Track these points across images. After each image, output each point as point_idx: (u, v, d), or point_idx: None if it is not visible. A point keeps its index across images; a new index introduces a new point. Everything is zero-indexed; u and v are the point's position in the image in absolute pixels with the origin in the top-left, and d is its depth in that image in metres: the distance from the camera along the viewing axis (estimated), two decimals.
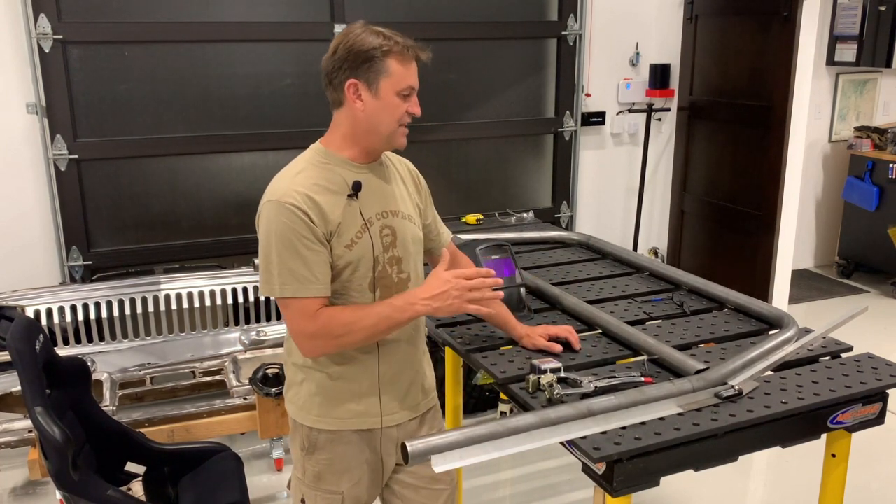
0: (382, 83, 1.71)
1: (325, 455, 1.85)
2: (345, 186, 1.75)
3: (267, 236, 1.69)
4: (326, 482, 1.86)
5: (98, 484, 2.16)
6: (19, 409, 3.27)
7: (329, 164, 1.77)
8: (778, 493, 3.29)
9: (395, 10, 4.24)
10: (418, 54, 1.75)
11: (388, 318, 1.71)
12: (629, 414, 1.74)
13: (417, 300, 1.70)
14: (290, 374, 1.89)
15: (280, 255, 1.67)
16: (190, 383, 3.59)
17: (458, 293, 1.70)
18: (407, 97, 1.74)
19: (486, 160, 4.69)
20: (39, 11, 3.56)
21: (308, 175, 1.73)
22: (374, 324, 1.71)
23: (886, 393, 1.94)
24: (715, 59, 4.76)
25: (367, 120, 1.74)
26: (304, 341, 1.72)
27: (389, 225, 1.81)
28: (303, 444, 1.87)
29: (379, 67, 1.70)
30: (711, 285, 2.55)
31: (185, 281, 3.64)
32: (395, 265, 1.82)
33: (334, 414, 1.83)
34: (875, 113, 6.07)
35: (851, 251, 5.88)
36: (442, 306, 1.71)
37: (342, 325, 1.69)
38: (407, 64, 1.73)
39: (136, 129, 3.88)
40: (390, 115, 1.73)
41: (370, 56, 1.70)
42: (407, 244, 1.85)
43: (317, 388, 1.82)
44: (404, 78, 1.72)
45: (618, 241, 4.94)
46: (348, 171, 1.77)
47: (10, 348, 2.11)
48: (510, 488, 3.33)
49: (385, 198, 1.83)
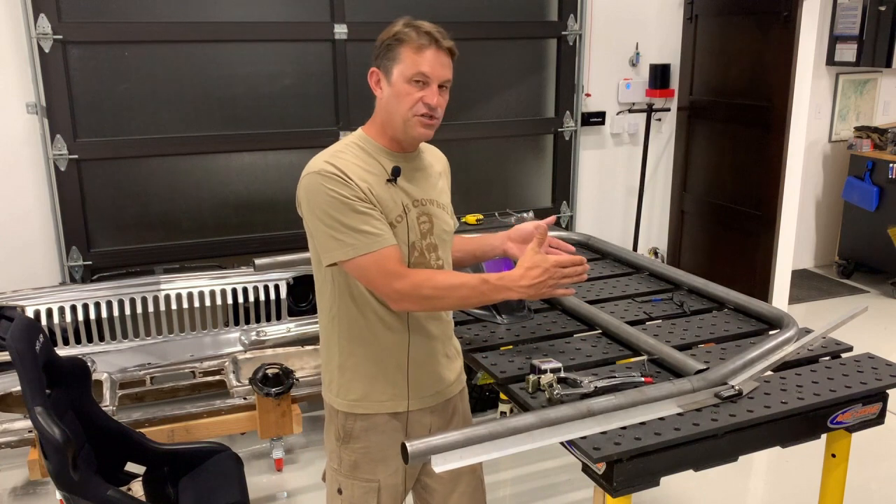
0: (395, 70, 1.73)
1: (360, 444, 1.86)
2: (383, 172, 1.77)
3: (315, 207, 1.69)
4: (363, 471, 1.87)
5: (98, 484, 2.16)
6: (19, 409, 3.27)
7: (368, 149, 1.79)
8: (778, 493, 3.29)
9: (395, 10, 4.23)
10: (439, 42, 1.73)
11: (482, 294, 1.74)
12: (629, 414, 1.74)
13: (516, 286, 1.72)
14: (325, 361, 1.90)
15: (336, 219, 1.67)
16: (190, 383, 3.59)
17: (554, 283, 1.74)
18: (421, 85, 1.72)
19: (486, 160, 4.69)
20: (39, 11, 3.56)
21: (347, 156, 1.75)
22: (467, 296, 1.74)
23: (886, 393, 1.95)
24: (715, 59, 4.76)
25: (385, 108, 1.77)
26: (394, 296, 1.71)
27: (427, 213, 1.84)
28: (338, 434, 1.88)
29: (393, 54, 1.72)
30: (711, 285, 2.56)
31: (185, 281, 3.64)
32: (433, 252, 1.84)
33: (372, 397, 1.84)
34: (875, 113, 6.07)
35: (851, 251, 5.88)
36: (536, 295, 1.75)
37: (434, 289, 1.71)
38: (420, 51, 1.71)
39: (136, 130, 3.87)
40: (401, 102, 1.73)
41: (387, 45, 1.73)
42: (443, 233, 1.88)
43: (353, 374, 1.83)
44: (414, 64, 1.71)
45: (618, 241, 4.94)
46: (386, 159, 1.79)
47: (10, 348, 2.11)
48: (510, 488, 3.33)
49: (423, 187, 1.85)
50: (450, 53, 1.77)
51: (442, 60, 1.74)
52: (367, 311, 1.79)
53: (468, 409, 2.08)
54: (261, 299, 3.70)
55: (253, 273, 3.70)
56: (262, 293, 3.70)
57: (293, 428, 3.24)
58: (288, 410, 3.21)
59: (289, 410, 3.22)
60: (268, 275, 3.70)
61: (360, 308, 1.79)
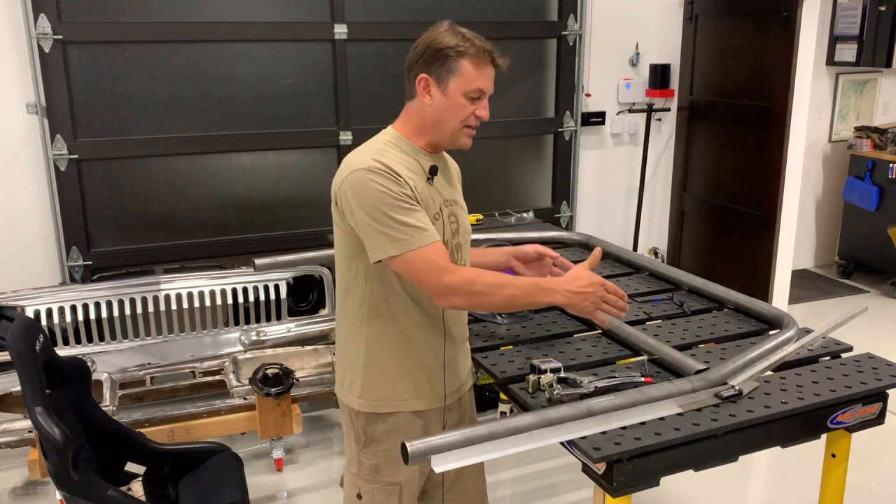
0: (452, 82, 1.76)
1: (382, 447, 1.86)
2: (421, 170, 1.80)
3: (364, 203, 1.69)
4: (384, 474, 1.87)
5: (98, 484, 2.16)
6: (19, 409, 3.27)
7: (405, 148, 1.81)
8: (778, 493, 3.29)
9: (395, 10, 4.24)
10: (494, 59, 1.78)
11: (530, 295, 1.75)
12: (629, 414, 1.74)
13: (562, 289, 1.75)
14: (349, 361, 1.88)
15: (387, 214, 1.68)
16: (190, 383, 3.59)
17: (597, 300, 1.76)
18: (475, 100, 1.79)
19: (486, 160, 4.69)
20: (39, 11, 3.56)
21: (389, 154, 1.77)
22: (515, 295, 1.75)
23: (886, 393, 1.95)
24: (715, 59, 4.76)
25: (433, 115, 1.79)
26: (444, 291, 1.70)
27: (455, 213, 1.88)
28: (358, 438, 1.88)
29: (451, 66, 1.75)
30: (711, 285, 2.56)
31: (185, 281, 3.64)
32: (458, 251, 1.88)
33: (396, 396, 1.84)
34: (875, 113, 6.07)
35: (851, 251, 5.88)
36: (578, 304, 1.76)
37: (485, 285, 1.72)
38: (480, 67, 1.77)
39: (135, 129, 3.87)
40: (456, 114, 1.78)
41: (445, 54, 1.74)
42: (466, 234, 1.93)
43: (378, 373, 1.84)
44: (474, 80, 1.76)
45: (618, 241, 4.93)
46: (424, 158, 1.82)
47: (10, 348, 2.11)
48: (510, 488, 3.33)
49: (449, 188, 1.90)
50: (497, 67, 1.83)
51: (492, 75, 1.82)
52: (400, 311, 1.80)
53: (474, 405, 2.11)
54: (261, 299, 3.70)
55: (253, 273, 3.70)
56: (262, 293, 3.70)
57: (293, 428, 3.24)
58: (288, 410, 3.21)
59: (289, 410, 3.22)
60: (268, 275, 3.70)
61: (394, 309, 1.80)
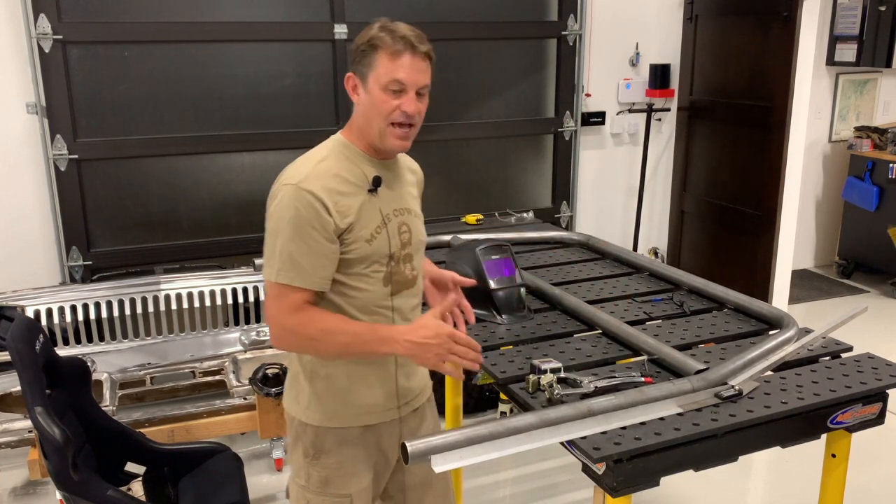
0: (370, 77, 1.66)
1: (332, 458, 1.80)
2: (364, 180, 1.73)
3: (279, 220, 1.65)
4: (334, 486, 1.81)
5: (98, 484, 2.16)
6: (19, 409, 3.27)
7: (350, 156, 1.74)
8: (778, 493, 3.29)
9: (395, 11, 4.24)
10: (414, 46, 1.65)
11: (366, 343, 1.67)
12: (629, 414, 1.74)
13: (403, 339, 1.64)
14: (294, 373, 1.83)
15: (288, 240, 1.64)
16: (190, 383, 3.59)
17: (443, 352, 1.63)
18: (397, 93, 1.65)
19: (486, 160, 4.69)
20: (39, 11, 3.56)
21: (330, 164, 1.71)
22: (349, 342, 1.66)
23: (886, 393, 1.94)
24: (715, 59, 4.76)
25: (362, 115, 1.72)
26: (278, 331, 1.68)
27: (406, 222, 1.80)
28: (307, 451, 1.81)
29: (368, 60, 1.66)
30: (711, 285, 2.55)
31: (185, 281, 3.64)
32: (408, 262, 1.81)
33: (346, 410, 1.79)
34: (875, 113, 6.07)
35: (851, 251, 5.87)
36: (420, 355, 1.64)
37: (319, 331, 1.66)
38: (396, 57, 1.64)
39: (136, 129, 3.87)
40: (378, 110, 1.67)
41: (361, 50, 1.67)
42: (419, 243, 1.85)
43: (325, 386, 1.78)
44: (390, 71, 1.64)
45: (618, 241, 4.94)
46: (367, 166, 1.75)
47: (10, 348, 2.11)
48: (510, 488, 3.33)
49: (401, 196, 1.82)
50: (427, 58, 1.69)
51: (419, 66, 1.66)
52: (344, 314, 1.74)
53: (437, 414, 2.04)
54: (261, 299, 3.70)
55: (253, 273, 3.70)
56: (262, 293, 3.70)
57: None
58: None
59: None
60: None
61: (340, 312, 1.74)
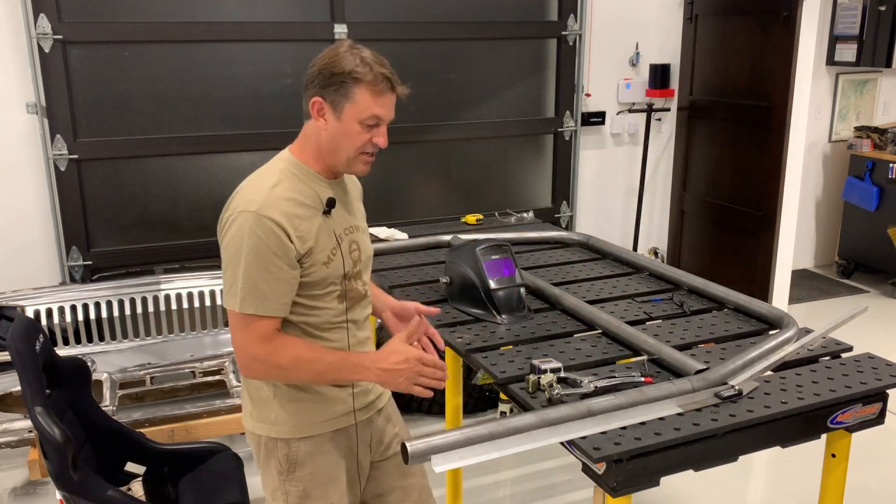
0: (347, 108, 1.68)
1: (306, 470, 1.80)
2: (318, 202, 1.73)
3: (238, 248, 1.64)
4: (314, 498, 1.81)
5: (98, 484, 2.16)
6: (19, 409, 3.27)
7: (302, 177, 1.74)
8: (778, 493, 3.29)
9: (395, 10, 4.24)
10: (395, 87, 1.70)
11: (338, 371, 1.71)
12: (629, 414, 1.74)
13: (374, 366, 1.69)
14: (254, 392, 1.82)
15: (250, 268, 1.63)
16: (190, 383, 3.59)
17: (413, 375, 1.69)
18: (372, 127, 1.70)
19: (486, 160, 4.69)
20: (39, 11, 3.56)
21: (284, 188, 1.70)
22: (323, 371, 1.70)
23: (886, 393, 1.95)
24: (715, 59, 4.76)
25: (328, 140, 1.72)
26: (247, 360, 1.68)
27: (355, 240, 1.82)
28: (280, 468, 1.81)
29: (346, 92, 1.67)
30: (711, 285, 2.56)
31: (185, 281, 3.64)
32: (359, 278, 1.83)
33: (315, 418, 1.79)
34: (875, 113, 6.07)
35: (851, 251, 5.87)
36: (391, 381, 1.70)
37: (291, 359, 1.67)
38: (377, 95, 1.67)
39: (136, 129, 3.87)
40: (351, 141, 1.70)
41: (340, 80, 1.67)
42: (367, 259, 1.88)
43: (290, 396, 1.78)
44: (370, 108, 1.67)
45: (618, 241, 4.94)
46: (320, 187, 1.75)
47: (10, 348, 2.11)
48: (510, 488, 3.33)
49: (349, 213, 1.83)
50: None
51: (393, 102, 1.72)
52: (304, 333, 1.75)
53: (398, 411, 2.06)
54: None
55: None
56: None
57: None
58: None
59: None
60: None
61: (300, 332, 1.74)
